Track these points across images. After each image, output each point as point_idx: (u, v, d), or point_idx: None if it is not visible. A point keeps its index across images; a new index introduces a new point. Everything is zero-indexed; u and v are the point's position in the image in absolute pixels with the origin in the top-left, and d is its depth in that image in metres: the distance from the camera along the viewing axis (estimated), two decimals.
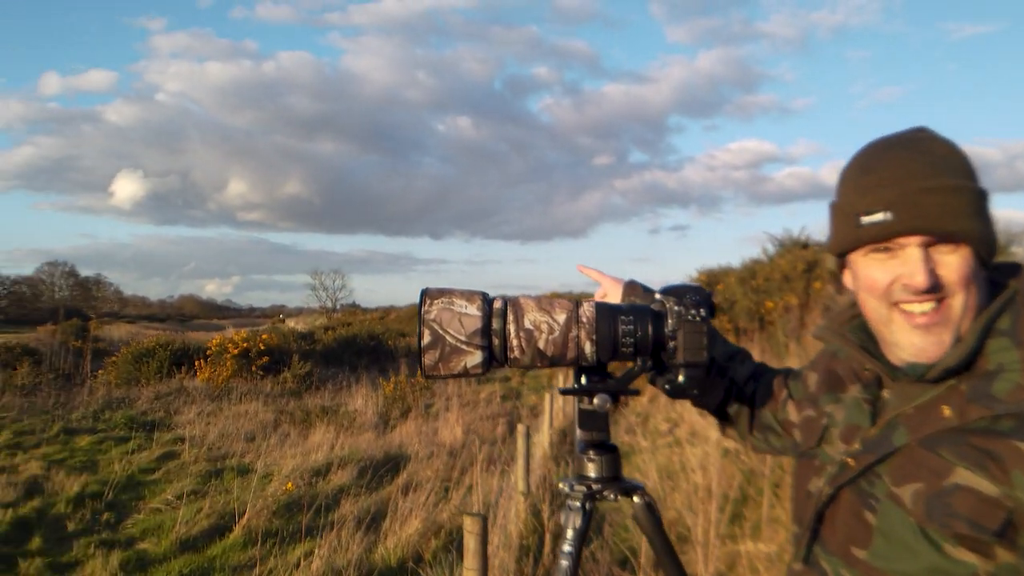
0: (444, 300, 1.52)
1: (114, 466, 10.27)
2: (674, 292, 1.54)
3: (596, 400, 1.58)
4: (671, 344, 1.52)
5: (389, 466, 9.51)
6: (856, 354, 1.39)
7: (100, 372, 20.53)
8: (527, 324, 1.51)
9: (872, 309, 1.33)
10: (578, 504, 1.58)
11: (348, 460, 9.87)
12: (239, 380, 18.31)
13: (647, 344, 1.53)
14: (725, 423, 1.84)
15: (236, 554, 6.86)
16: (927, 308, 1.24)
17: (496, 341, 1.51)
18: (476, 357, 1.50)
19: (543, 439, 9.36)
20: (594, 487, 1.61)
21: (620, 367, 1.65)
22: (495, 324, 1.51)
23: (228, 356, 19.05)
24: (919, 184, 1.23)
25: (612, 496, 1.61)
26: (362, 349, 24.63)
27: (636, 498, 1.63)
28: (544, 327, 1.51)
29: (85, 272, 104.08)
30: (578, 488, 1.60)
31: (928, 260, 1.23)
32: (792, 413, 1.64)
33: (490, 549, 4.93)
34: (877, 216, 1.25)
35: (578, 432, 1.66)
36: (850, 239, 1.32)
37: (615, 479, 1.63)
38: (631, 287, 1.96)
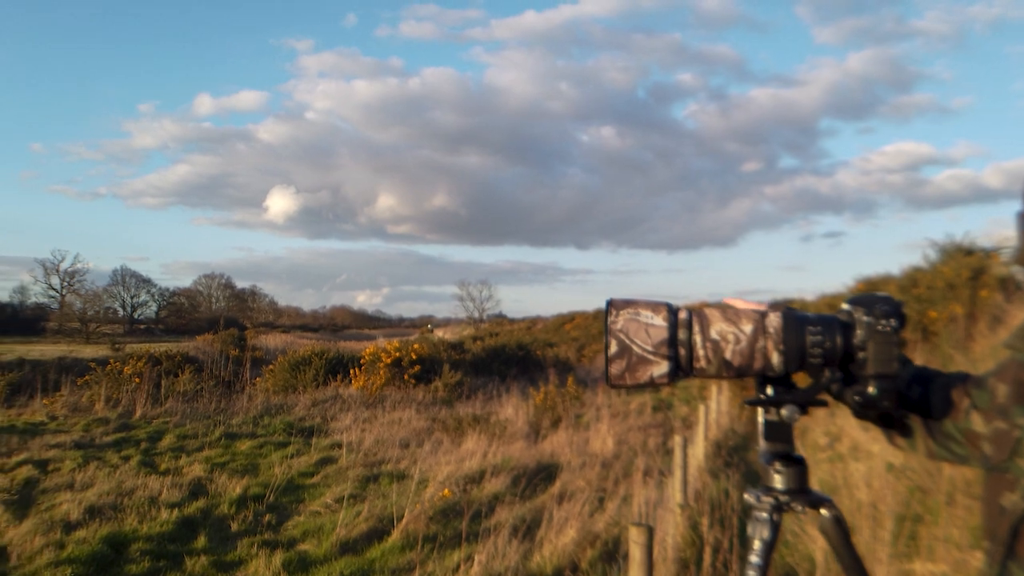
0: (630, 311, 1.53)
1: (274, 470, 10.62)
2: (863, 302, 1.52)
3: (784, 411, 1.57)
4: (860, 355, 1.50)
5: (542, 475, 9.55)
6: None
7: (258, 380, 21.35)
8: (713, 335, 1.52)
9: None
10: (765, 515, 1.57)
11: (501, 468, 9.95)
12: (392, 388, 18.68)
13: (836, 355, 1.51)
14: (891, 432, 1.78)
15: (395, 557, 6.99)
16: None
17: (682, 351, 1.52)
18: (663, 367, 1.51)
19: (698, 451, 9.24)
20: (781, 499, 1.60)
21: (803, 378, 1.64)
22: (681, 334, 1.52)
23: (381, 365, 19.46)
24: None
25: (799, 508, 1.60)
26: (510, 359, 24.84)
27: (824, 511, 1.61)
28: (730, 337, 1.51)
29: (241, 284, 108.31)
30: (765, 499, 1.59)
31: None
32: (978, 424, 1.55)
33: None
34: None
35: (763, 443, 1.65)
36: None
37: (802, 491, 1.61)
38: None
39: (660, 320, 1.52)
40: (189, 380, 18.84)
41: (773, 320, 1.52)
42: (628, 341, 1.51)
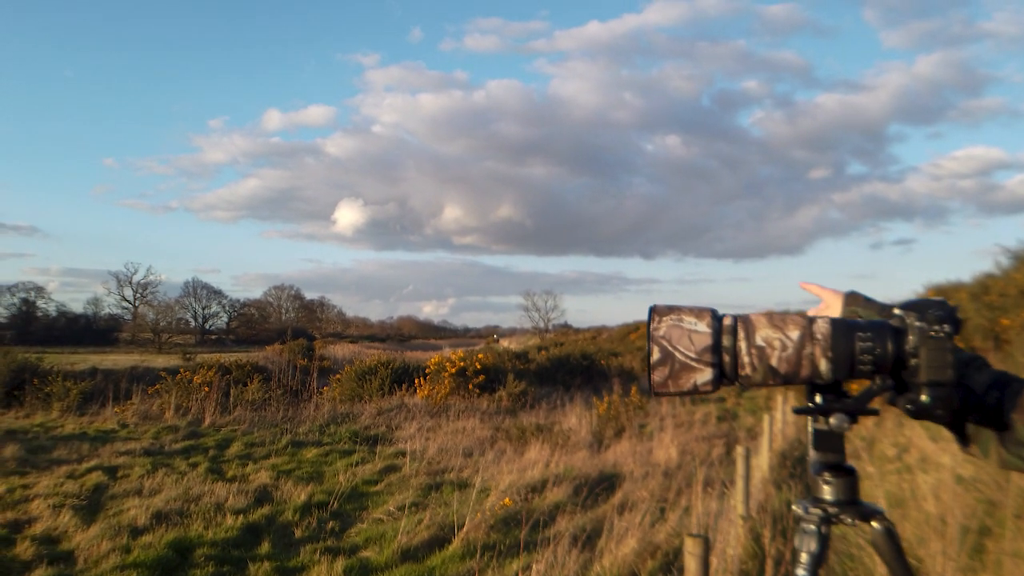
0: (673, 317, 1.50)
1: (339, 477, 10.72)
2: (915, 307, 1.47)
3: (833, 420, 1.52)
4: (912, 362, 1.45)
5: (604, 485, 9.49)
6: None
7: (325, 389, 21.57)
8: (759, 341, 1.48)
9: None
10: (813, 527, 1.53)
11: (563, 478, 9.92)
12: (456, 398, 18.75)
13: (887, 362, 1.46)
14: (966, 439, 1.70)
15: (455, 565, 6.99)
16: None
17: (727, 358, 1.48)
18: (707, 374, 1.48)
19: (762, 462, 9.12)
20: (830, 510, 1.55)
21: (855, 385, 1.59)
22: (725, 341, 1.48)
23: (446, 375, 19.56)
24: None
25: (849, 520, 1.55)
26: (575, 368, 24.77)
27: (875, 523, 1.56)
28: (776, 344, 1.47)
29: (310, 295, 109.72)
30: (813, 511, 1.55)
31: None
32: None
33: (709, 573, 4.85)
34: None
35: (813, 453, 1.61)
36: None
37: (852, 503, 1.57)
38: (852, 298, 1.87)
39: (704, 326, 1.48)
40: (257, 389, 19.14)
41: (821, 326, 1.48)
42: (671, 348, 1.48)
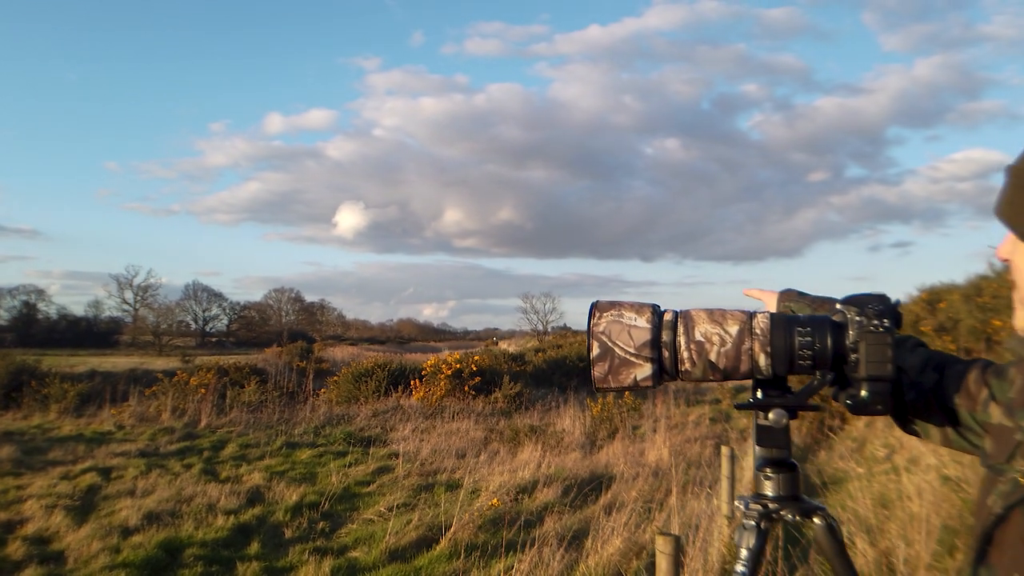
0: (614, 313, 1.50)
1: (331, 479, 10.71)
2: (856, 301, 1.47)
3: (772, 415, 1.52)
4: (853, 357, 1.44)
5: (594, 486, 9.50)
6: None
7: (322, 391, 21.60)
8: (698, 336, 1.48)
9: None
10: (753, 523, 1.52)
11: (554, 478, 9.92)
12: (452, 399, 18.74)
13: (826, 357, 1.46)
14: (904, 418, 1.69)
15: (441, 565, 7.01)
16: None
17: (666, 353, 1.48)
18: (646, 369, 1.48)
19: (751, 462, 9.09)
20: (771, 506, 1.55)
21: (802, 381, 1.58)
22: (665, 336, 1.48)
23: (442, 376, 19.57)
24: (1015, 165, 1.20)
25: (790, 516, 1.55)
26: (571, 370, 24.73)
27: (816, 519, 1.56)
28: (716, 339, 1.47)
29: (310, 298, 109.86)
30: (753, 507, 1.55)
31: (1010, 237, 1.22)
32: (996, 415, 1.45)
33: (689, 572, 4.84)
34: None
35: (756, 449, 1.60)
36: None
37: (794, 498, 1.56)
38: (786, 294, 1.87)
39: (644, 322, 1.49)
40: (254, 391, 19.16)
41: (761, 321, 1.48)
42: (611, 343, 1.48)
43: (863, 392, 1.43)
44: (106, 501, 9.47)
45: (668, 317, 1.50)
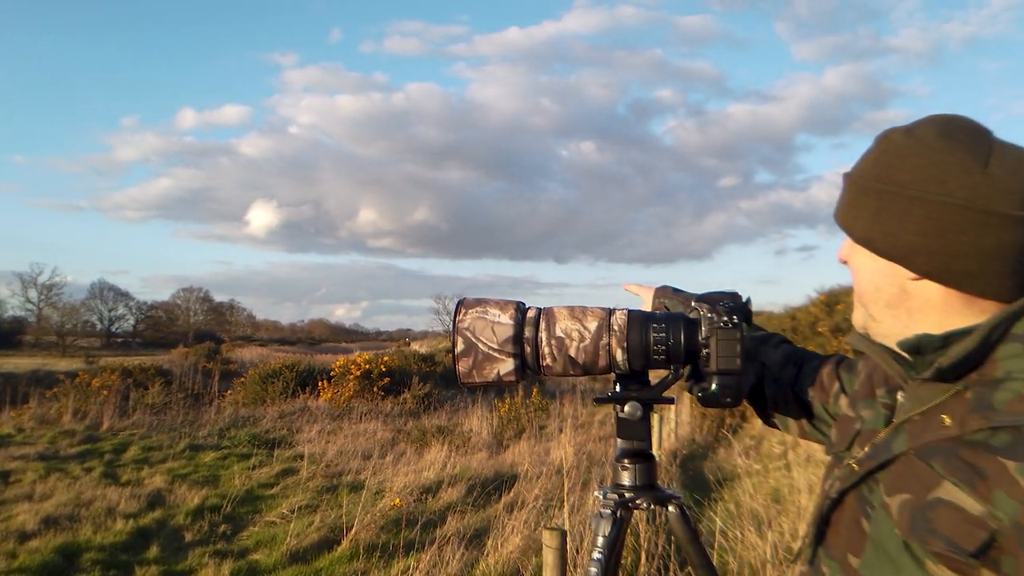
0: (478, 309, 1.55)
1: (234, 481, 10.58)
2: (708, 299, 1.54)
3: (627, 408, 1.58)
4: (705, 352, 1.51)
5: (497, 484, 9.56)
6: (877, 357, 1.34)
7: (229, 392, 21.27)
8: (558, 332, 1.53)
9: None
10: (609, 512, 1.58)
11: (459, 478, 9.96)
12: (360, 400, 18.63)
13: (679, 352, 1.52)
14: (765, 411, 1.77)
15: (342, 566, 6.99)
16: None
17: (528, 349, 1.53)
18: (508, 365, 1.52)
19: None
20: (627, 495, 1.61)
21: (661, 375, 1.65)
22: (527, 332, 1.53)
23: (351, 377, 19.44)
24: (851, 172, 1.29)
25: (646, 505, 1.61)
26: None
27: (671, 507, 1.63)
28: (575, 335, 1.52)
29: (220, 297, 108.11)
30: (610, 496, 1.61)
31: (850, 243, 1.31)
32: (844, 407, 1.54)
33: (581, 565, 4.91)
34: None
35: (616, 441, 1.67)
36: None
37: (650, 487, 1.63)
38: (662, 291, 1.95)
39: (507, 318, 1.53)
40: (158, 393, 18.78)
41: (618, 318, 1.54)
42: (474, 339, 1.52)
43: (713, 386, 1.50)
44: (3, 506, 9.20)
45: (531, 314, 1.55)
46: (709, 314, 1.50)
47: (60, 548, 7.45)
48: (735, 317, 1.50)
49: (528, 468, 10.16)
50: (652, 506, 1.62)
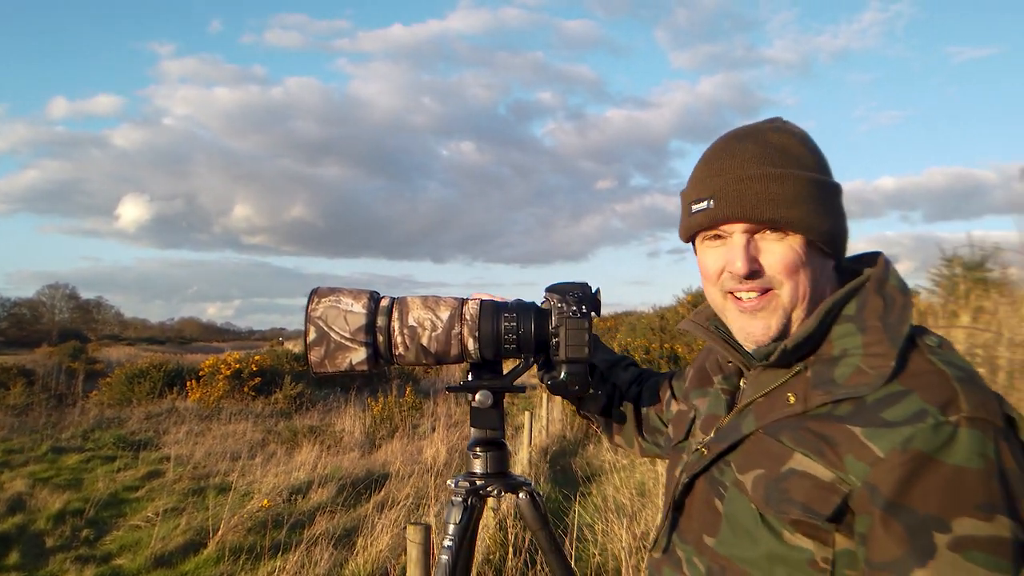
0: (332, 298, 1.54)
1: (98, 484, 10.25)
2: (558, 290, 1.56)
3: (478, 396, 1.60)
4: (555, 341, 1.53)
5: (368, 484, 9.50)
6: (716, 345, 1.40)
7: (94, 393, 20.56)
8: (411, 321, 1.53)
9: (711, 296, 1.37)
10: (460, 499, 1.60)
11: (329, 478, 9.86)
12: (230, 401, 18.27)
13: (529, 341, 1.55)
14: (611, 430, 1.84)
15: (208, 569, 6.86)
16: (752, 295, 1.26)
17: (381, 338, 1.53)
18: (361, 354, 1.52)
19: (521, 457, 9.35)
20: (478, 483, 1.63)
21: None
22: (380, 321, 1.53)
23: (220, 377, 19.04)
24: (742, 172, 1.25)
25: (496, 492, 1.63)
26: (357, 374, 24.45)
27: (522, 494, 1.65)
28: (428, 324, 1.53)
29: (87, 295, 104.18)
30: (462, 484, 1.62)
31: (749, 247, 1.25)
32: (675, 408, 1.63)
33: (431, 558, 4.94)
34: (702, 204, 1.28)
35: (470, 430, 1.68)
36: (684, 226, 1.37)
37: (501, 475, 1.65)
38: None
39: (360, 307, 1.53)
40: (20, 393, 18.10)
41: (471, 307, 1.55)
42: (327, 328, 1.52)
43: (562, 374, 1.53)
44: None
45: (385, 303, 1.55)
46: (559, 304, 1.53)
47: None
48: (584, 307, 1.53)
49: (400, 467, 10.15)
50: (503, 493, 1.64)
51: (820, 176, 1.25)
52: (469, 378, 1.62)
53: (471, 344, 1.54)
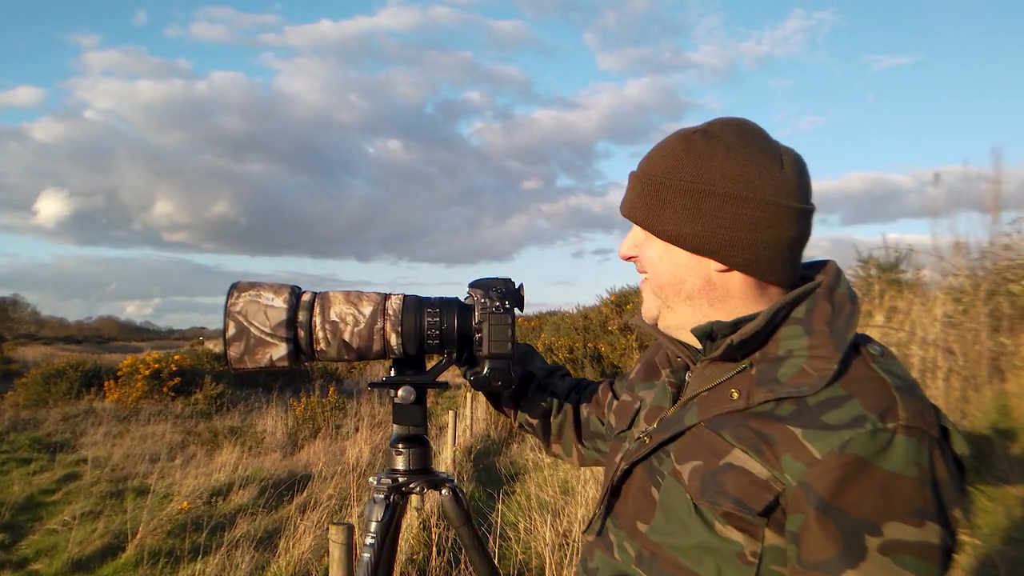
0: (252, 293, 1.51)
1: (13, 488, 10.00)
2: (482, 285, 1.56)
3: (401, 392, 1.59)
4: (478, 336, 1.53)
5: (290, 485, 9.41)
6: (664, 340, 1.43)
7: (9, 394, 20.07)
8: (333, 316, 1.52)
9: None
10: (382, 497, 1.58)
11: (250, 480, 9.75)
12: (149, 401, 17.99)
13: (453, 336, 1.54)
14: (549, 439, 1.85)
15: (127, 573, 6.74)
16: (642, 275, 1.39)
17: (302, 333, 1.51)
18: (281, 349, 1.50)
19: (445, 457, 9.34)
20: (401, 480, 1.62)
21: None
22: (301, 316, 1.51)
23: (139, 377, 18.70)
24: (640, 169, 1.35)
25: (419, 488, 1.62)
26: (277, 371, 24.24)
27: (444, 490, 1.64)
28: (349, 319, 1.52)
29: (2, 292, 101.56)
30: (384, 481, 1.61)
31: (634, 235, 1.37)
32: (618, 405, 1.64)
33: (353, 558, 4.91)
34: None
35: (393, 427, 1.67)
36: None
37: (424, 471, 1.64)
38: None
39: (280, 302, 1.50)
40: None
41: (393, 302, 1.54)
42: (246, 323, 1.49)
43: (485, 369, 1.53)
44: None
45: (306, 298, 1.53)
46: (482, 299, 1.53)
47: None
48: (507, 302, 1.53)
49: (323, 468, 10.07)
50: (426, 490, 1.63)
51: (700, 185, 1.27)
52: (392, 374, 1.61)
53: (394, 339, 1.53)
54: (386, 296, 1.56)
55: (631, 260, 1.39)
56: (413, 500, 5.29)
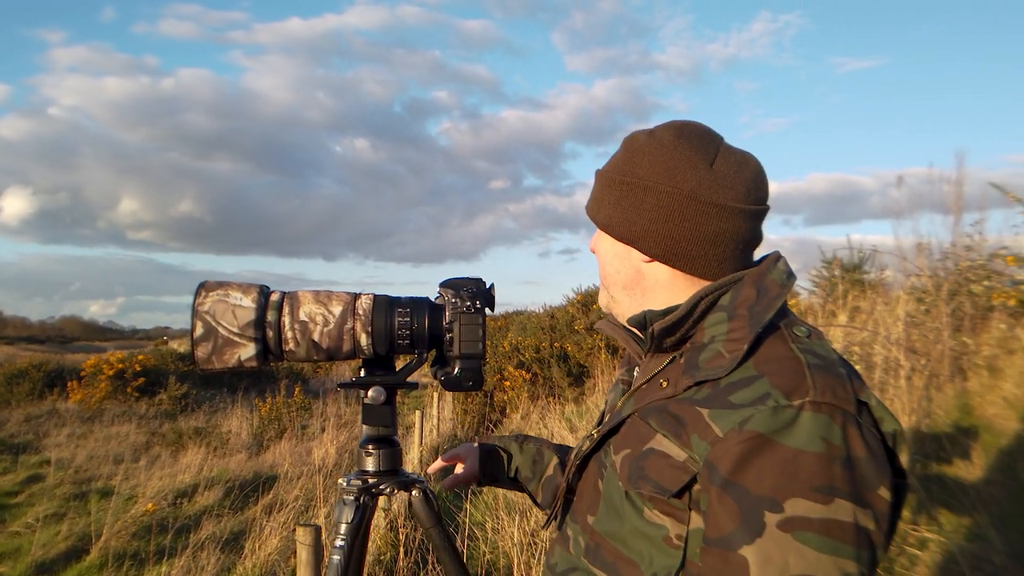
0: (220, 292, 1.50)
1: None
2: (452, 285, 1.56)
3: (371, 393, 1.58)
4: (449, 336, 1.53)
5: (255, 486, 9.36)
6: (617, 337, 1.45)
7: None
8: (302, 316, 1.50)
9: None
10: (352, 498, 1.57)
11: (216, 481, 9.69)
12: (113, 402, 17.86)
13: (424, 336, 1.54)
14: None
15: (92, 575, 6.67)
16: None
17: (270, 333, 1.49)
18: (250, 350, 1.48)
19: (413, 457, 9.32)
20: (371, 481, 1.61)
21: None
22: (270, 316, 1.49)
23: (103, 377, 18.54)
24: (601, 169, 1.40)
25: (389, 489, 1.62)
26: (245, 371, 24.13)
27: (415, 491, 1.64)
28: (319, 319, 1.51)
29: None
30: (354, 482, 1.60)
31: (598, 232, 1.41)
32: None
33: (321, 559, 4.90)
34: None
35: (363, 427, 1.66)
36: None
37: (393, 472, 1.63)
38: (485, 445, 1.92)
39: (249, 302, 1.49)
40: None
41: (364, 302, 1.53)
42: (214, 323, 1.48)
43: (456, 369, 1.52)
44: None
45: (275, 297, 1.52)
46: (453, 299, 1.53)
47: None
48: (478, 302, 1.53)
49: (289, 468, 10.01)
50: (396, 491, 1.63)
51: (628, 177, 1.31)
52: (361, 374, 1.60)
53: (364, 339, 1.52)
54: (356, 296, 1.55)
55: (595, 253, 1.44)
56: (381, 500, 5.29)
